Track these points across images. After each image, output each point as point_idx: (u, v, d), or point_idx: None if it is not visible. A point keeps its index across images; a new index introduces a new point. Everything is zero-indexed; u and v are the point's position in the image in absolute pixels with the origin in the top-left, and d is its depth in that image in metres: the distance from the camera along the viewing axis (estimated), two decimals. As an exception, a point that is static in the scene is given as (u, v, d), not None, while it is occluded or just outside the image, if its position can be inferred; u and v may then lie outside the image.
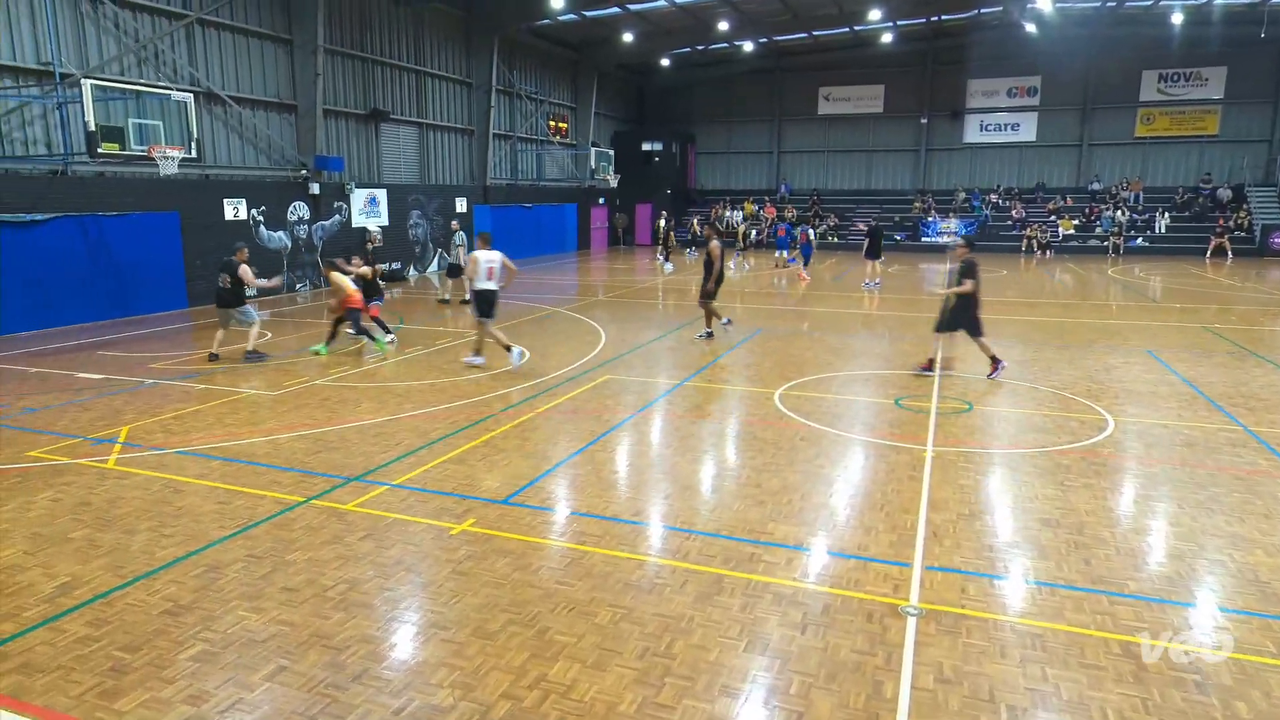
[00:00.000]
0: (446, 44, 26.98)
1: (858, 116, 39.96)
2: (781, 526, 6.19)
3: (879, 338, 14.63)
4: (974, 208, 37.30)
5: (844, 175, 41.10)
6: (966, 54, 36.53)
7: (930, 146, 39.19)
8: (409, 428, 8.79)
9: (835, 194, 40.78)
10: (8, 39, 14.85)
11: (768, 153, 41.96)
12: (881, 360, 12.61)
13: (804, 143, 41.35)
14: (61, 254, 15.59)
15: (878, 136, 39.98)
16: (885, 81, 39.04)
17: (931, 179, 39.54)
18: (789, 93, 40.80)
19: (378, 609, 4.97)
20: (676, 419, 9.29)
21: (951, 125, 38.65)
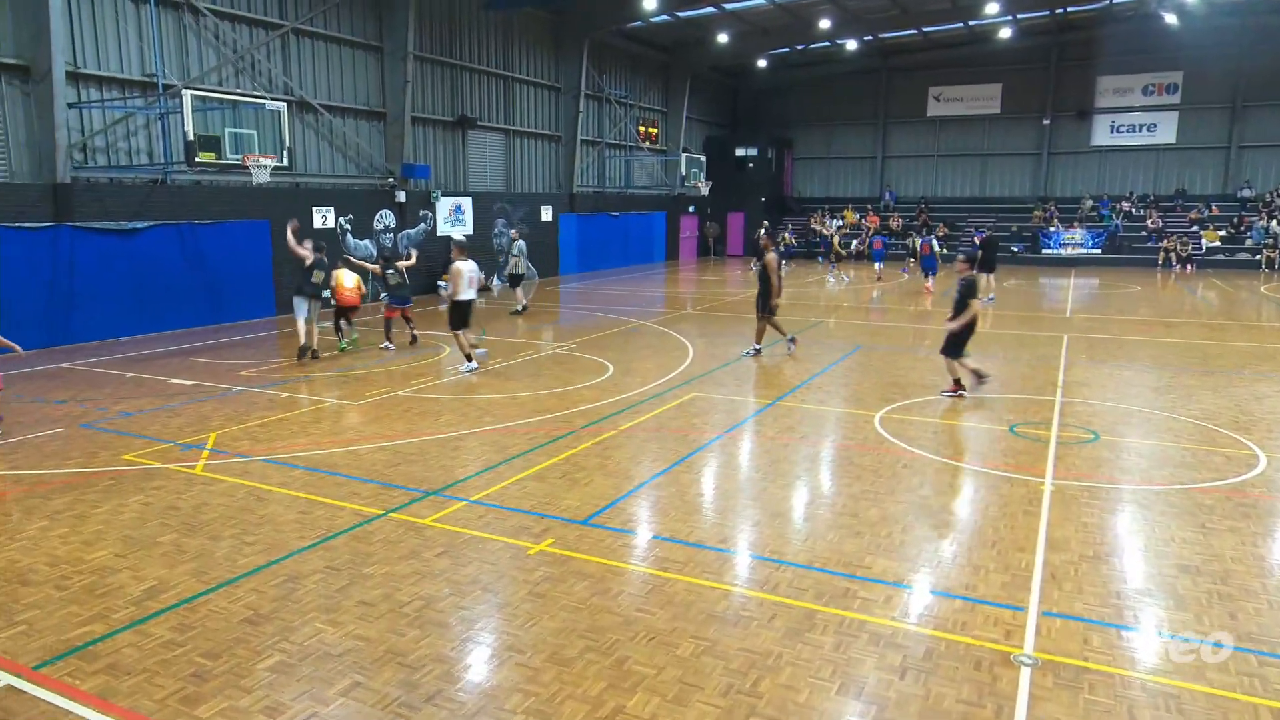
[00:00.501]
0: (535, 49, 27.71)
1: (971, 118, 38.87)
2: (880, 560, 6.03)
3: (991, 358, 14.10)
4: (1103, 217, 35.64)
5: (955, 182, 40.00)
6: (1096, 48, 35.05)
7: (1053, 150, 37.73)
8: (489, 442, 8.99)
9: (945, 202, 39.70)
10: (116, 52, 16.09)
11: (871, 158, 41.26)
12: (994, 383, 12.15)
13: (911, 147, 40.47)
14: (159, 261, 16.70)
15: (994, 139, 38.76)
16: (1003, 80, 37.86)
17: (1054, 185, 38.02)
18: (895, 93, 40.06)
19: (453, 628, 5.09)
20: (767, 441, 9.19)
21: (1078, 126, 37.11)
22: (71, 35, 15.26)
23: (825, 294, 24.90)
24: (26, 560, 6.03)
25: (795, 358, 13.82)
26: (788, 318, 19.12)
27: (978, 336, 13.79)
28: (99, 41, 15.80)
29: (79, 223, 15.29)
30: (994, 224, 35.55)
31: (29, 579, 5.73)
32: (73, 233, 15.23)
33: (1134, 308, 20.96)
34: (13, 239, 14.36)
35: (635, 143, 33.96)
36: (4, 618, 5.19)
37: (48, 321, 14.87)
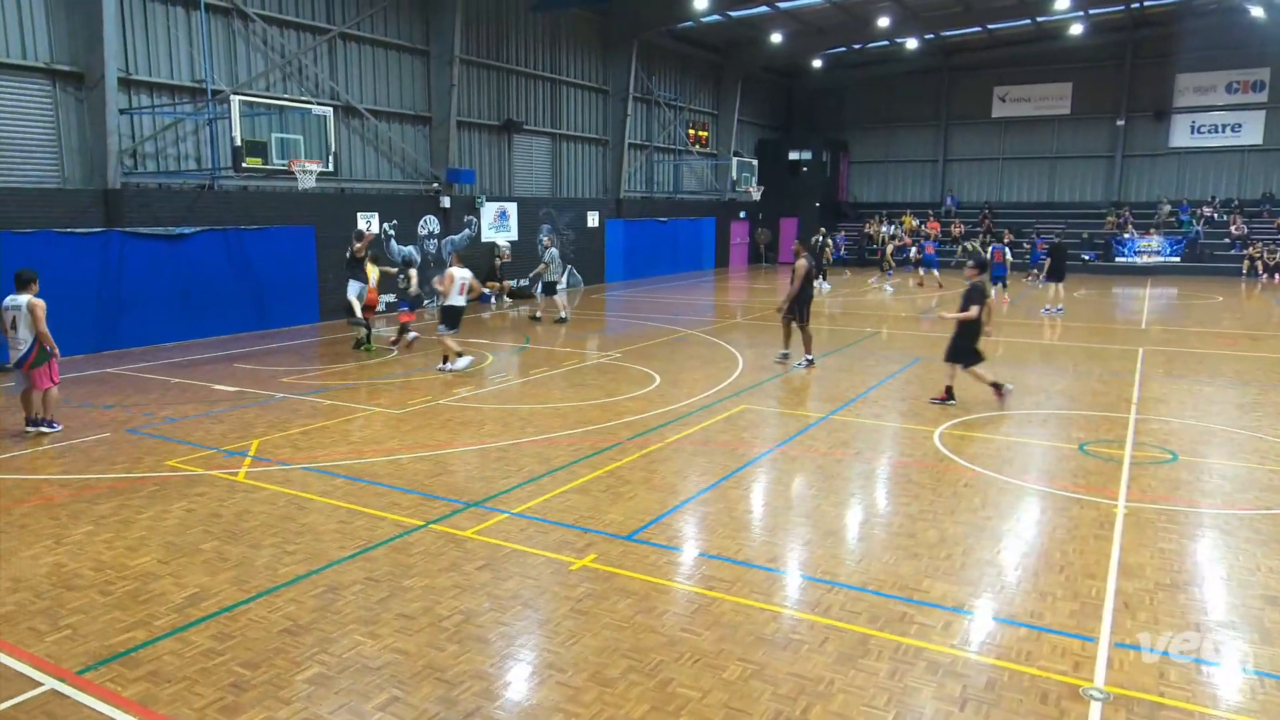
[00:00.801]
0: (582, 50, 27.97)
1: (1039, 119, 38.13)
2: (939, 584, 5.91)
3: (1060, 371, 13.78)
4: (1181, 223, 34.61)
5: (1021, 186, 39.25)
6: (1174, 45, 34.09)
7: (1128, 152, 36.80)
8: (531, 453, 9.06)
9: (1011, 207, 38.95)
10: (167, 58, 16.66)
11: (931, 161, 40.72)
12: (1063, 398, 11.87)
13: (974, 149, 39.85)
14: (206, 267, 17.20)
15: (1063, 141, 37.96)
16: (1073, 79, 37.08)
17: (1129, 189, 37.07)
18: (958, 94, 39.50)
19: (493, 644, 5.12)
20: (820, 456, 9.10)
21: (1155, 127, 36.15)
22: (124, 42, 15.85)
23: (881, 303, 24.60)
24: (73, 564, 6.24)
25: (821, 370, 13.67)
26: (837, 328, 18.93)
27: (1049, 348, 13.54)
28: (150, 48, 16.39)
29: (128, 228, 15.84)
30: (1063, 230, 34.74)
31: (74, 584, 5.92)
32: (122, 238, 15.78)
33: (1216, 319, 20.30)
34: (65, 244, 14.93)
35: (684, 146, 34.02)
36: (50, 622, 5.37)
37: (97, 326, 15.40)
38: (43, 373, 9.69)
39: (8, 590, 5.81)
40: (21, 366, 9.63)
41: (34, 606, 5.57)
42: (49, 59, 14.89)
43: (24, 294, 9.65)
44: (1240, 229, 33.27)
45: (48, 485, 8.08)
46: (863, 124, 41.53)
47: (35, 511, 7.34)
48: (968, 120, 39.59)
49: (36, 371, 9.64)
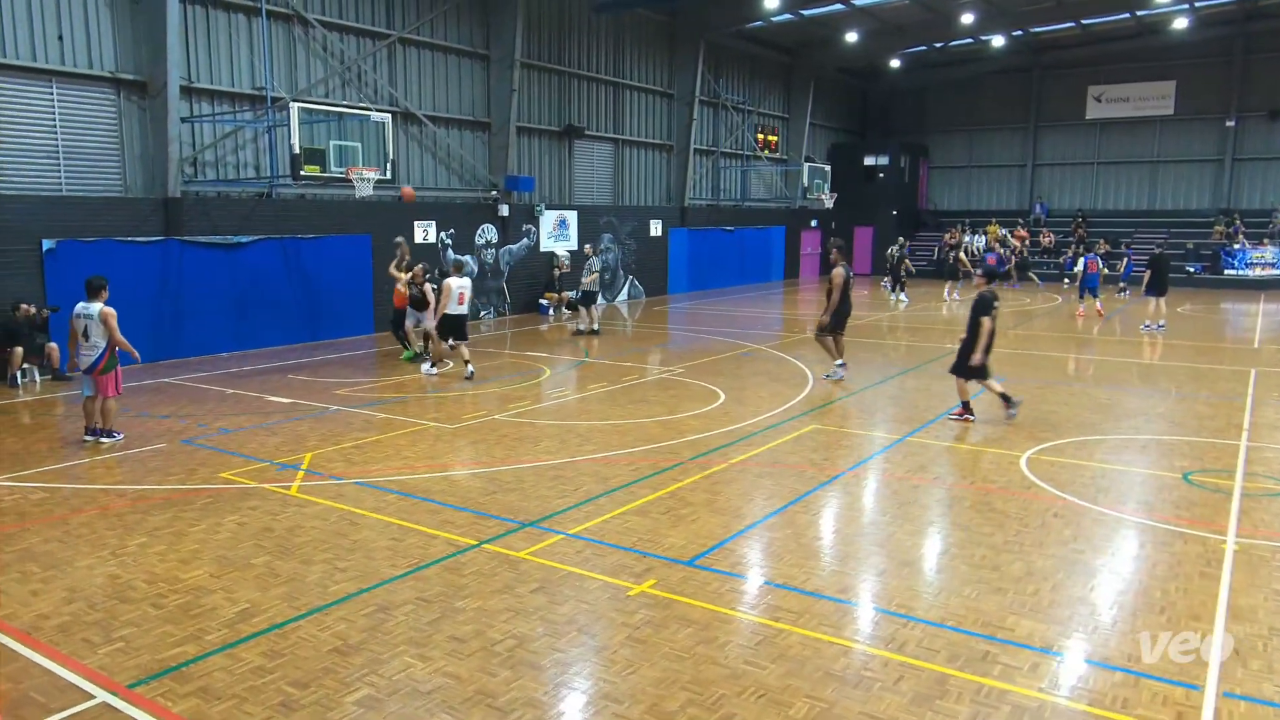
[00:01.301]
0: (647, 53, 28.19)
1: (1138, 120, 37.06)
2: (1025, 622, 5.74)
3: (1161, 394, 13.31)
4: (1300, 232, 33.17)
5: (1119, 192, 38.15)
6: (1292, 38, 32.84)
7: (1239, 155, 35.47)
8: (588, 472, 9.10)
9: (1106, 215, 37.88)
10: (228, 65, 17.35)
11: (1019, 166, 39.89)
12: (1165, 422, 11.46)
13: (1066, 153, 38.91)
14: (262, 276, 17.79)
15: (1165, 144, 36.80)
16: (1177, 76, 35.96)
17: (1240, 196, 35.70)
18: (1048, 94, 38.66)
19: (546, 671, 5.14)
20: (895, 481, 8.94)
21: (1269, 128, 34.76)
22: (186, 50, 16.55)
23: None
24: (127, 576, 6.48)
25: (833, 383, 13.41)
26: (916, 344, 18.61)
27: (1149, 368, 13.11)
28: (212, 56, 17.08)
29: (186, 237, 16.48)
30: (1165, 241, 33.66)
31: (128, 596, 6.15)
32: (180, 247, 16.42)
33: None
34: (125, 253, 15.59)
35: (753, 151, 33.97)
36: (103, 634, 5.58)
37: (155, 335, 16.02)
38: (109, 380, 10.11)
39: (64, 600, 6.06)
40: (91, 372, 10.05)
41: (88, 618, 5.80)
42: (114, 68, 15.63)
43: (95, 302, 10.12)
44: (1367, 239, 31.74)
45: (104, 495, 8.42)
46: (944, 127, 40.94)
47: (92, 521, 7.66)
48: (1059, 122, 38.70)
49: (104, 378, 10.06)
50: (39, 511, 7.94)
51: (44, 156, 14.95)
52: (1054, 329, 21.40)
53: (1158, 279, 20.64)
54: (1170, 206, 37.00)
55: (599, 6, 25.13)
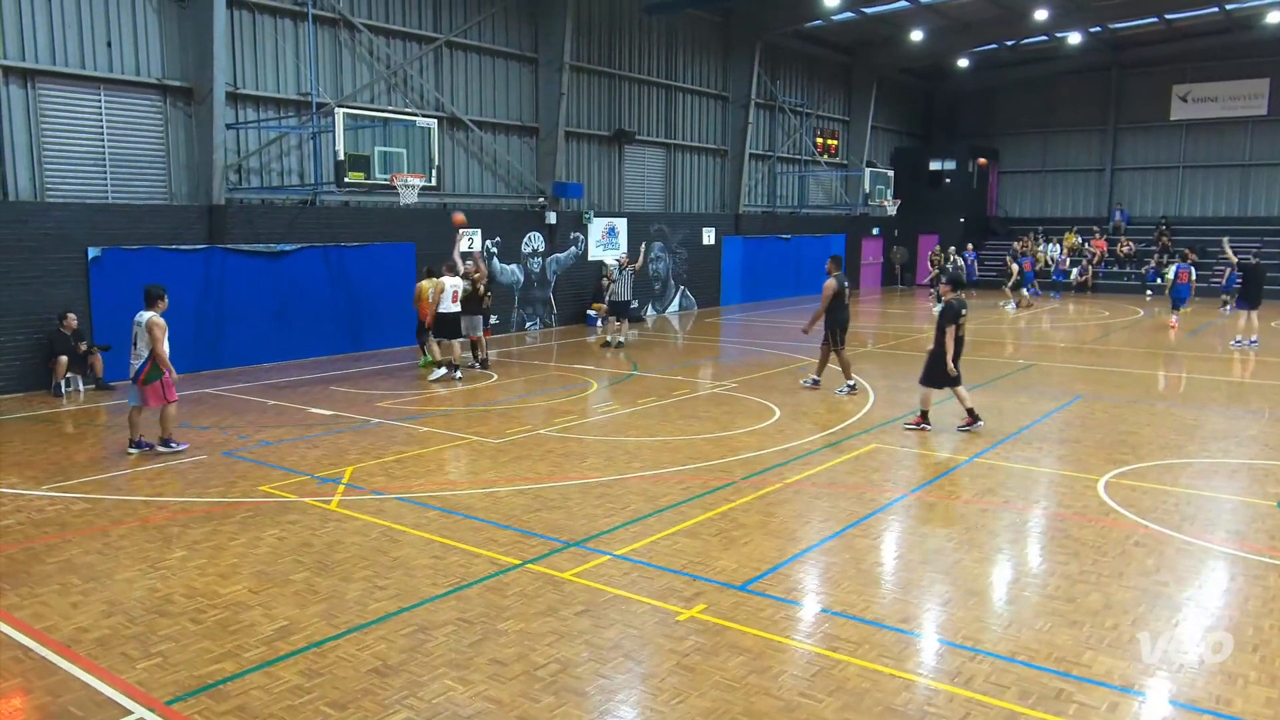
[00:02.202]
0: (701, 54, 28.28)
1: (1228, 121, 36.14)
2: (1103, 658, 5.59)
3: (1253, 415, 12.89)
4: None
5: (1207, 198, 37.19)
6: (1398, 32, 31.76)
7: (1338, 158, 34.36)
8: (637, 490, 9.10)
9: (1192, 222, 36.94)
10: (274, 71, 17.82)
11: (1097, 170, 39.14)
12: (1257, 445, 11.10)
13: (1148, 157, 38.08)
14: (305, 285, 18.18)
15: (1258, 147, 35.80)
16: (1270, 74, 35.00)
17: (1340, 202, 34.55)
18: (1129, 94, 37.91)
19: (591, 698, 5.14)
20: (961, 505, 8.79)
21: (1372, 129, 33.65)
22: (232, 56, 17.04)
23: (1035, 331, 23.67)
24: (165, 589, 6.64)
25: (846, 396, 13.18)
26: (983, 359, 18.29)
27: (1239, 386, 12.73)
28: (258, 61, 17.56)
29: (230, 245, 16.93)
30: (1259, 249, 32.62)
31: (166, 610, 6.30)
32: (224, 255, 16.87)
33: None
34: (169, 260, 16.06)
35: (812, 156, 33.83)
36: (141, 648, 5.72)
37: (197, 345, 16.46)
38: (155, 390, 10.39)
39: (103, 614, 6.23)
40: (135, 380, 10.38)
41: (127, 632, 5.95)
42: (161, 75, 16.16)
43: (149, 310, 10.44)
44: None
45: (145, 507, 8.65)
46: (1016, 130, 40.37)
47: (132, 533, 7.87)
48: (1141, 124, 37.91)
49: (149, 388, 10.37)
50: (80, 523, 8.18)
51: (90, 164, 15.48)
52: (1134, 343, 20.88)
53: (1252, 290, 20.05)
54: (1263, 213, 35.95)
55: (650, 8, 25.29)
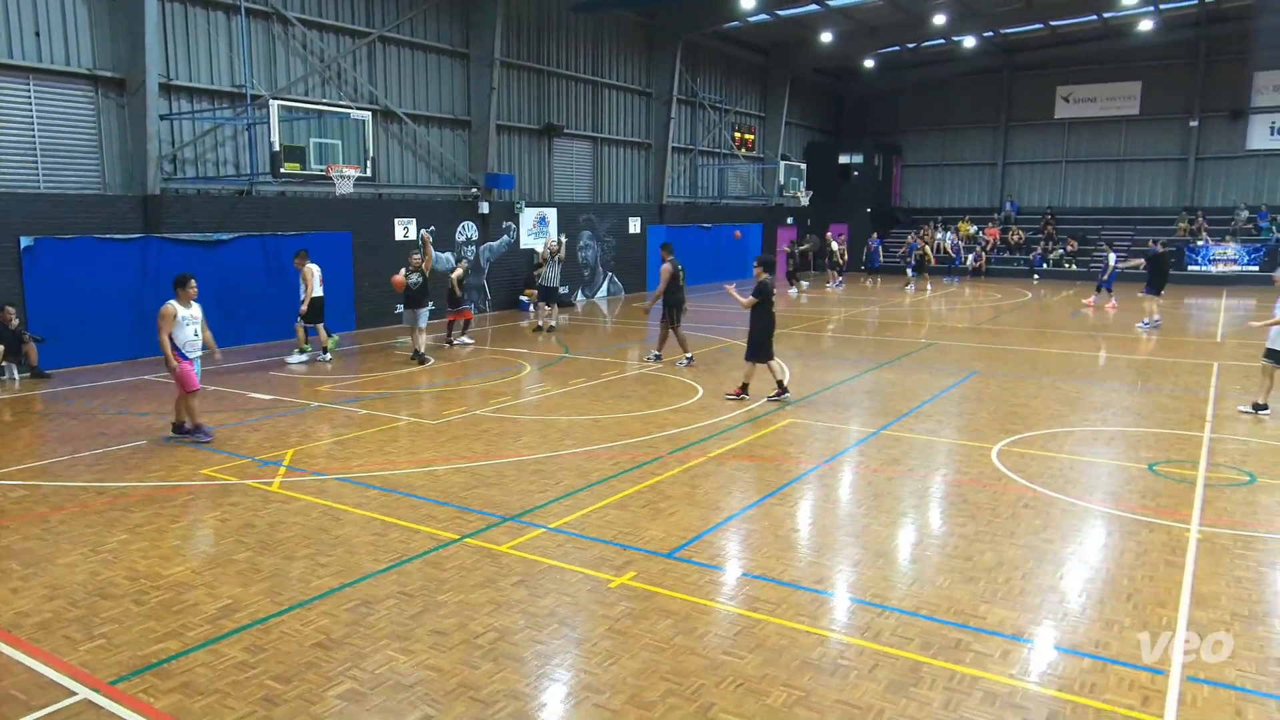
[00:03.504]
0: (625, 52, 28.14)
1: (1105, 120, 37.47)
2: (997, 610, 5.80)
3: (1128, 388, 13.47)
4: (1260, 229, 33.68)
5: (1087, 190, 38.57)
6: (1252, 41, 33.24)
7: (1202, 154, 35.95)
8: (569, 466, 9.09)
9: (1074, 213, 38.32)
10: (207, 63, 17.14)
11: (989, 164, 40.23)
12: (1131, 415, 11.61)
13: (1036, 152, 39.28)
14: (242, 274, 17.59)
15: (1132, 143, 37.23)
16: (1142, 78, 36.39)
17: (1203, 194, 36.19)
18: (1018, 94, 39.01)
19: (528, 663, 5.14)
20: (870, 473, 9.00)
21: (1231, 128, 35.27)
22: (165, 47, 16.32)
23: (929, 312, 24.29)
24: (107, 573, 6.40)
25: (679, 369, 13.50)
26: (889, 339, 18.72)
27: (1116, 363, 13.22)
28: (191, 53, 16.86)
29: (166, 234, 16.28)
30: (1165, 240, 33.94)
31: (109, 592, 6.08)
32: (160, 244, 16.21)
33: None
34: (104, 250, 15.39)
35: (730, 150, 34.01)
36: (84, 630, 5.51)
37: (134, 333, 15.82)
38: (176, 378, 9.91)
39: (44, 598, 5.98)
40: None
41: (69, 615, 5.73)
42: (92, 65, 15.40)
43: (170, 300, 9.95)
44: (1325, 236, 32.26)
45: (84, 492, 8.31)
46: (917, 127, 41.21)
47: (72, 519, 7.56)
48: (1029, 122, 39.06)
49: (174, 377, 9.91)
50: (18, 509, 7.82)
51: (21, 154, 14.69)
52: (1024, 323, 21.59)
53: (1157, 276, 20.66)
54: (1136, 204, 37.45)
55: (577, 6, 25.04)
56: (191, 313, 10.03)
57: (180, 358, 9.87)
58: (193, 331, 10.02)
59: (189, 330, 9.98)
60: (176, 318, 9.84)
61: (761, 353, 12.21)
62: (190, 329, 9.99)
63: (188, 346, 9.97)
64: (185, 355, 9.93)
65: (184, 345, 9.94)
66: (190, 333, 9.99)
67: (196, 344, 10.09)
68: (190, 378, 9.93)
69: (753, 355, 12.28)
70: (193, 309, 10.06)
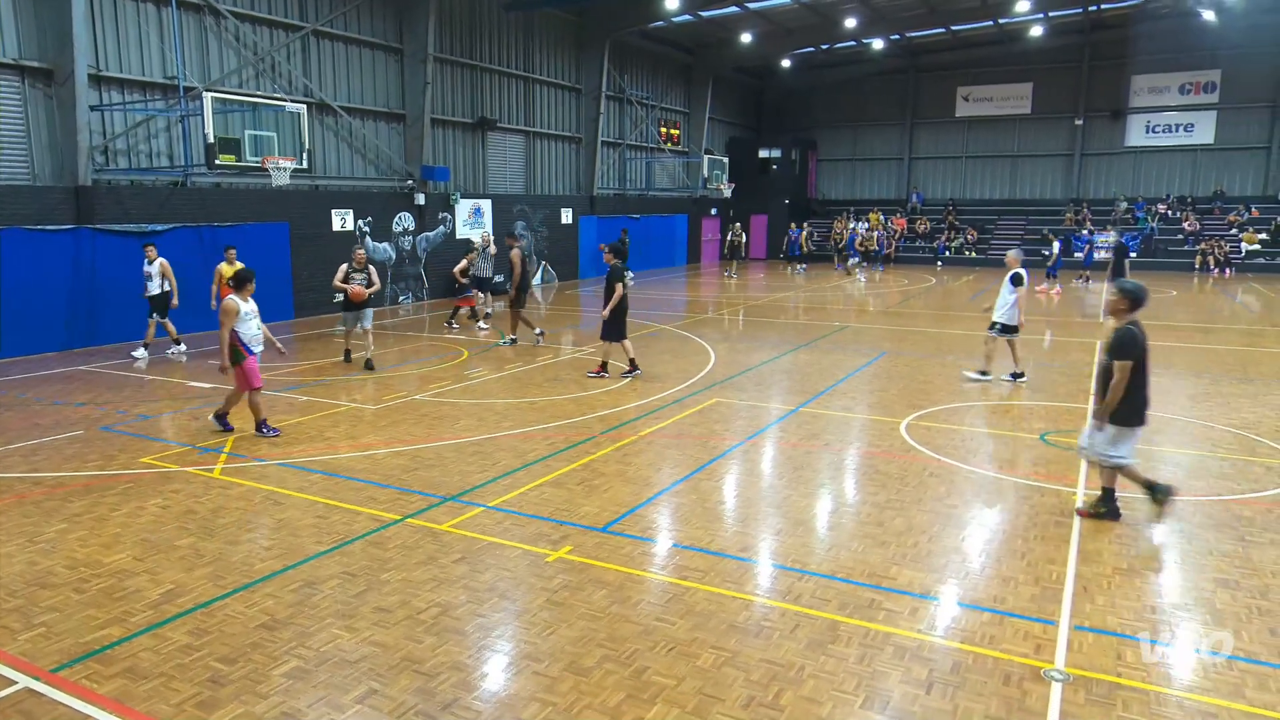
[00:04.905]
0: (556, 49, 27.84)
1: (1001, 118, 38.61)
2: (906, 571, 5.98)
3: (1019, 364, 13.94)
4: (1137, 219, 35.23)
5: (984, 183, 39.73)
6: (1130, 47, 34.69)
7: (1086, 151, 37.38)
8: (507, 447, 9.02)
9: (974, 204, 39.46)
10: (138, 55, 16.36)
11: (897, 159, 41.09)
12: (1026, 390, 12.04)
13: (939, 148, 40.27)
14: (178, 264, 16.85)
15: (1024, 140, 38.46)
16: (1033, 80, 37.60)
17: (1087, 187, 37.66)
18: (923, 94, 39.90)
19: (470, 636, 5.10)
20: (790, 448, 9.16)
21: (1111, 127, 36.75)
22: (94, 38, 15.52)
23: (847, 297, 24.78)
24: (46, 562, 6.12)
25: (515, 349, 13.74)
26: (809, 322, 19.04)
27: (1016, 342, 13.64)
28: (121, 44, 16.07)
29: (99, 225, 15.53)
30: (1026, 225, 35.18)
31: (48, 581, 5.81)
32: (93, 235, 15.47)
33: (1170, 313, 20.67)
34: (35, 241, 14.61)
35: (657, 144, 34.01)
36: (23, 620, 5.27)
37: (68, 323, 15.10)
38: (239, 373, 9.29)
39: (-20, 589, 5.70)
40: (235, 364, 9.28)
41: (7, 605, 5.47)
42: (17, 55, 14.56)
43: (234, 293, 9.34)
44: (1193, 225, 33.93)
45: (20, 483, 7.92)
46: (831, 123, 41.83)
47: (8, 510, 7.20)
48: (933, 119, 40.00)
49: (235, 371, 9.26)
50: (-49, 501, 7.41)
51: (-55, 144, 13.85)
52: (929, 306, 22.19)
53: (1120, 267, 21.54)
54: (1029, 196, 38.76)
55: (509, 4, 24.67)
56: (251, 307, 9.40)
57: (247, 352, 9.24)
58: (255, 326, 9.39)
59: (252, 324, 9.34)
60: (240, 313, 9.20)
61: (615, 333, 12.51)
62: (253, 323, 9.35)
63: (253, 341, 9.33)
64: (251, 350, 9.31)
65: (250, 340, 9.28)
66: (254, 326, 9.36)
67: (259, 337, 9.47)
68: (254, 374, 9.31)
69: (607, 335, 12.56)
70: (251, 304, 9.42)
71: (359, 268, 13.55)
